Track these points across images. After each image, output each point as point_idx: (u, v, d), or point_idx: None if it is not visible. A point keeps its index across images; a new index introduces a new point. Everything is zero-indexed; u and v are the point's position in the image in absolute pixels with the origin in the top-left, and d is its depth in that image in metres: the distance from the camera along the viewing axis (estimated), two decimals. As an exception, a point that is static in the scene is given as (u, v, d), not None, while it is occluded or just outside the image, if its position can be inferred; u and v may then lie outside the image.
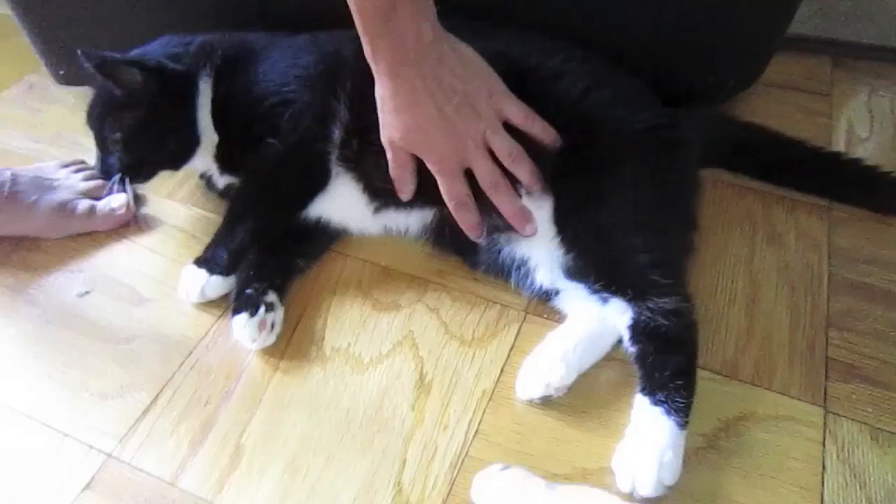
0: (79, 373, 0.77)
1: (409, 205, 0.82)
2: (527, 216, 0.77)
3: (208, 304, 0.82)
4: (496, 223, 0.79)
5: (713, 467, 0.67)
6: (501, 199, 0.76)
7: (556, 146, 0.77)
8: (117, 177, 0.85)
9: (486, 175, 0.76)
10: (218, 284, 0.81)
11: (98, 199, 0.92)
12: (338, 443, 0.70)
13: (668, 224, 0.78)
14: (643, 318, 0.70)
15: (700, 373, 0.74)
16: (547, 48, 0.81)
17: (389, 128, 0.75)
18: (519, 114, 0.76)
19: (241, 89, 0.83)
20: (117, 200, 0.92)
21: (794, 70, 1.14)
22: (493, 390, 0.74)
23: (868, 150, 1.01)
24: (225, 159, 0.87)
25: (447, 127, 0.73)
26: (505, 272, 0.81)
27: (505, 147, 0.75)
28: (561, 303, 0.79)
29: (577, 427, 0.70)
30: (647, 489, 0.63)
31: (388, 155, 0.77)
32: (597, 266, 0.74)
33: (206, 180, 0.92)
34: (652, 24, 0.90)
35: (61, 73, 1.08)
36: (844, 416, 0.71)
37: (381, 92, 0.73)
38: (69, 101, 1.14)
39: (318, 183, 0.84)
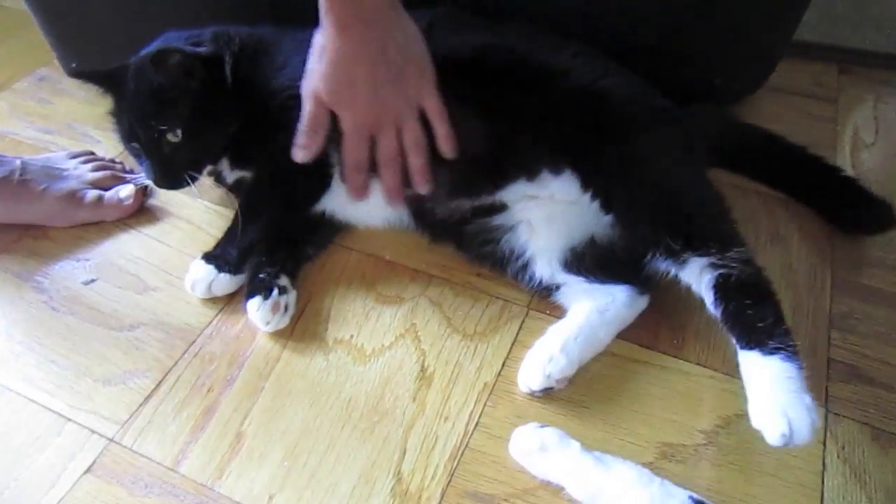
0: (83, 358, 0.77)
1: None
2: (399, 195, 0.80)
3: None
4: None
5: (714, 463, 0.67)
6: (390, 174, 0.79)
7: (449, 155, 0.78)
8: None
9: (387, 149, 0.77)
10: (226, 282, 0.81)
11: (106, 189, 0.93)
12: (339, 431, 0.70)
13: (708, 180, 0.79)
14: (730, 271, 0.68)
15: (702, 370, 0.75)
16: (555, 43, 0.82)
17: (317, 78, 0.75)
18: (435, 109, 0.77)
19: (257, 81, 0.83)
20: (126, 191, 0.93)
21: (801, 76, 1.14)
22: (495, 383, 0.74)
23: (873, 156, 1.01)
24: (236, 153, 0.86)
25: (374, 94, 0.74)
26: (502, 263, 0.82)
27: (413, 134, 0.77)
28: (562, 297, 0.80)
29: (578, 420, 0.71)
30: (805, 434, 0.59)
31: (306, 106, 0.77)
32: (670, 227, 0.72)
33: (216, 175, 0.91)
34: (659, 26, 0.91)
35: (73, 66, 1.10)
36: (845, 416, 0.71)
37: (323, 42, 0.73)
38: (79, 94, 1.15)
39: (324, 176, 0.85)
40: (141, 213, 0.93)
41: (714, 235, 0.70)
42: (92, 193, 0.91)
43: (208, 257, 0.82)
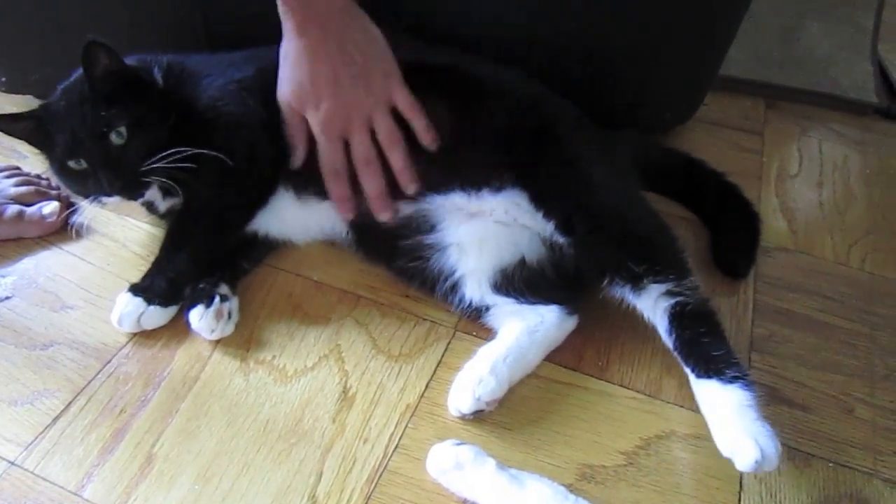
0: (-12, 378, 0.74)
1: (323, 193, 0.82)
2: (387, 203, 0.79)
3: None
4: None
5: (633, 484, 0.67)
6: (370, 178, 0.78)
7: (432, 147, 0.78)
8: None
9: (361, 150, 0.77)
10: (156, 315, 0.78)
11: (29, 205, 0.90)
12: (254, 453, 0.68)
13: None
14: (686, 299, 0.69)
15: (623, 392, 0.75)
16: (483, 60, 0.84)
17: (284, 84, 0.76)
18: (406, 102, 0.77)
19: (182, 105, 0.80)
20: (49, 207, 0.90)
21: (731, 109, 1.18)
22: (417, 405, 0.73)
23: (796, 186, 1.05)
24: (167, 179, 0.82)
25: (338, 93, 0.75)
26: (431, 283, 0.81)
27: (385, 128, 0.77)
28: (491, 318, 0.79)
29: (499, 441, 0.70)
30: (775, 459, 0.61)
31: (284, 115, 0.78)
32: (633, 252, 0.72)
33: (148, 205, 0.86)
34: (591, 56, 0.93)
35: (2, 80, 1.07)
36: (763, 437, 0.72)
37: (285, 47, 0.74)
38: (10, 109, 1.12)
39: (261, 194, 0.83)
40: (63, 230, 0.90)
41: (673, 262, 0.72)
42: (12, 209, 0.88)
43: (136, 289, 0.78)
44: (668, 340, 0.71)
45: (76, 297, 0.83)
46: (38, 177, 0.97)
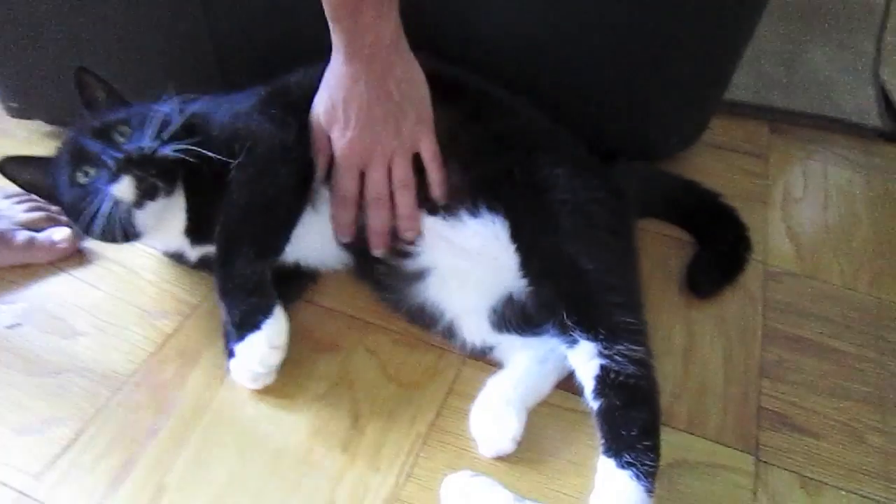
0: (-2, 406, 0.74)
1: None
2: (386, 240, 0.80)
3: (143, 342, 0.81)
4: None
5: (646, 514, 0.67)
6: (377, 214, 0.78)
7: (440, 201, 0.78)
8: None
9: (376, 185, 0.77)
10: (276, 327, 0.72)
11: (39, 230, 0.91)
12: (265, 484, 0.68)
13: (630, 265, 0.78)
14: (613, 365, 0.66)
15: (635, 419, 0.75)
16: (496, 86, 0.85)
17: (319, 102, 0.77)
18: (431, 153, 0.78)
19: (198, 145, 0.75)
20: (60, 233, 0.91)
21: (735, 133, 1.19)
22: (428, 433, 0.73)
23: (802, 210, 1.05)
24: (196, 227, 0.81)
25: (367, 125, 0.75)
26: (426, 319, 0.81)
27: (403, 173, 0.77)
28: (499, 354, 0.79)
29: (510, 470, 0.70)
30: None
31: (312, 130, 0.79)
32: (568, 300, 0.70)
33: (177, 258, 0.87)
34: (596, 81, 0.94)
35: (13, 106, 1.08)
36: (775, 465, 0.72)
37: (330, 70, 0.75)
38: (20, 134, 1.13)
39: (302, 181, 0.80)
40: (73, 256, 0.91)
41: (608, 323, 0.68)
42: (22, 234, 0.89)
43: (239, 332, 0.73)
44: (591, 405, 0.68)
45: (86, 324, 0.83)
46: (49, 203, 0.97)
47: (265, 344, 0.72)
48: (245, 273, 0.74)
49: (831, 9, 1.11)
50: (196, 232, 0.82)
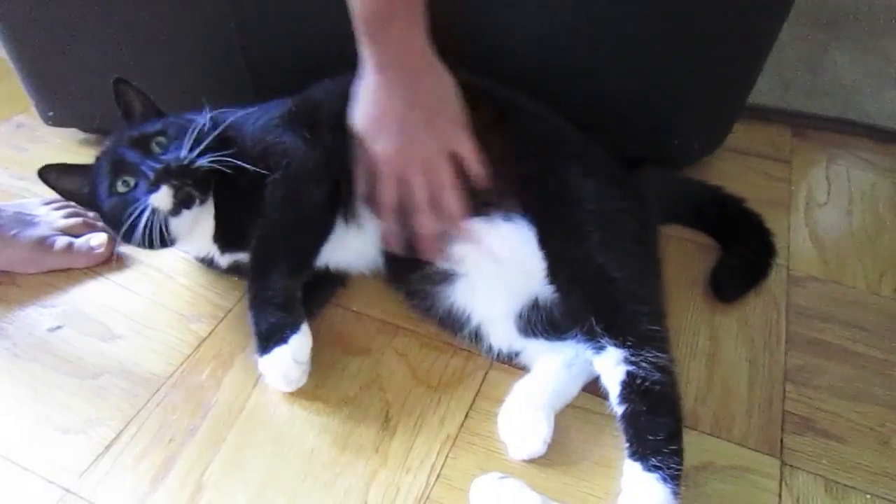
0: (43, 407, 0.76)
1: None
2: (436, 248, 0.79)
3: (179, 344, 0.83)
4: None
5: (672, 516, 0.68)
6: (425, 220, 0.78)
7: (481, 183, 0.78)
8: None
9: (420, 190, 0.77)
10: (301, 342, 0.75)
11: (78, 236, 0.94)
12: (300, 483, 0.70)
13: (654, 273, 0.80)
14: (639, 371, 0.68)
15: (660, 422, 0.76)
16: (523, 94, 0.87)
17: (356, 115, 0.78)
18: (468, 151, 0.77)
19: (231, 157, 0.78)
20: (97, 239, 0.94)
21: (758, 138, 1.20)
22: (457, 435, 0.74)
23: (826, 214, 1.06)
24: (225, 234, 0.84)
25: (403, 131, 0.76)
26: (454, 324, 0.82)
27: (445, 174, 0.77)
28: (525, 359, 0.81)
29: (538, 472, 0.71)
30: None
31: (353, 149, 0.79)
32: (597, 308, 0.72)
33: (208, 263, 0.89)
34: (621, 88, 0.95)
35: (50, 114, 1.11)
36: (800, 468, 0.73)
37: (363, 81, 0.76)
38: (56, 141, 1.16)
39: (333, 199, 0.83)
40: (110, 260, 0.93)
41: (637, 331, 0.69)
42: (62, 240, 0.92)
43: (264, 346, 0.75)
44: (616, 410, 0.69)
45: (124, 328, 0.85)
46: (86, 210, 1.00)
47: (290, 357, 0.74)
48: (277, 287, 0.77)
49: (856, 13, 1.11)
50: (224, 239, 0.85)
